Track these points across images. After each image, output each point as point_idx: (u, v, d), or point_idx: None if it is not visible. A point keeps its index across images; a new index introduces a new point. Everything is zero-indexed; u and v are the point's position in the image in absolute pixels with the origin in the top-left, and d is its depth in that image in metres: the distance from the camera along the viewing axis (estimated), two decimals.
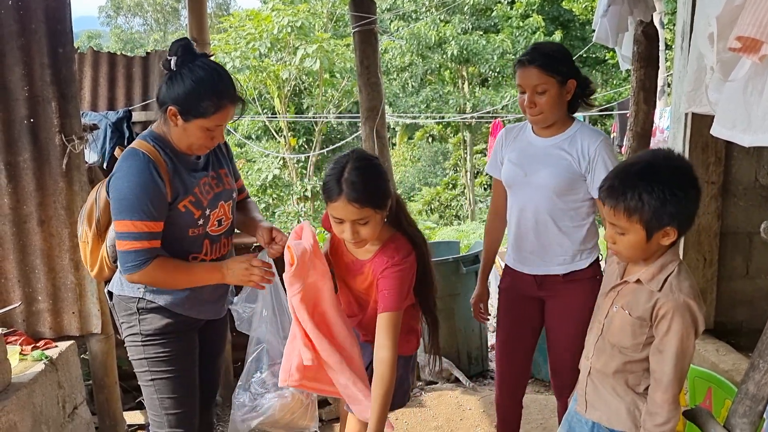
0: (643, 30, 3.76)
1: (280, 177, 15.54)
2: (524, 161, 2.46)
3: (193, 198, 2.09)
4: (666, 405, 1.69)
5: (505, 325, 2.68)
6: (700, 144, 3.68)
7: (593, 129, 2.49)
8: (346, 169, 1.91)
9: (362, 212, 1.90)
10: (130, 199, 1.97)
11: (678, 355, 1.67)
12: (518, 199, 2.50)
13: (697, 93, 2.03)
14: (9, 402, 2.30)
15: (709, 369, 2.77)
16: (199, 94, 1.97)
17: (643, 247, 1.69)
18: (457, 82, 18.99)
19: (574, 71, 2.37)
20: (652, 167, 1.65)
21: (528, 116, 2.41)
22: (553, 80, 2.31)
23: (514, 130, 2.59)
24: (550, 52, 2.35)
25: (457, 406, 3.88)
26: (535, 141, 2.48)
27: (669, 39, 12.82)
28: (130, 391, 3.75)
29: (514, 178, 2.50)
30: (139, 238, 1.98)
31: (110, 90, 4.28)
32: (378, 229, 1.99)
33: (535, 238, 2.47)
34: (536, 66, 2.31)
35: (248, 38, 14.86)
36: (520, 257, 2.55)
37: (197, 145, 2.08)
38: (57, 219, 2.80)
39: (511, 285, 2.63)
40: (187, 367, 2.23)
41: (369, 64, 3.84)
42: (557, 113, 2.38)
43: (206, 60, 2.05)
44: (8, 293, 2.82)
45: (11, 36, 2.67)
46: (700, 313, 1.68)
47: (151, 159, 2.01)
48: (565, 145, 2.39)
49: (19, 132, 2.72)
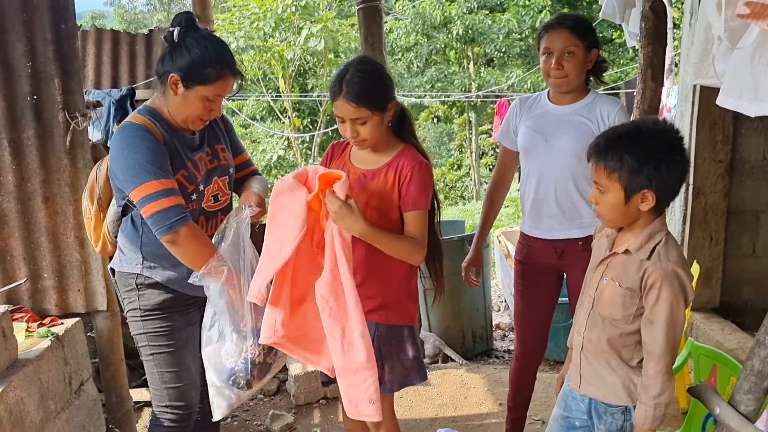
0: (651, 6, 3.72)
1: (284, 157, 15.51)
2: (544, 127, 2.50)
3: (186, 172, 2.09)
4: (659, 376, 1.69)
5: (523, 297, 2.70)
6: (707, 122, 3.66)
7: (610, 97, 2.55)
8: (349, 71, 2.00)
9: (359, 111, 1.98)
10: (139, 163, 1.96)
11: (668, 325, 1.68)
12: (537, 165, 2.53)
13: (703, 65, 2.02)
14: (16, 377, 2.32)
15: (714, 348, 2.76)
16: (203, 60, 2.00)
17: (622, 209, 1.71)
18: (462, 62, 18.84)
19: (597, 42, 2.45)
20: (638, 130, 1.70)
21: (552, 79, 2.44)
22: (582, 44, 2.38)
23: (528, 99, 2.63)
24: (580, 19, 2.44)
25: (461, 384, 3.90)
26: (552, 109, 2.52)
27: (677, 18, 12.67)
28: (136, 369, 3.77)
29: (532, 143, 2.53)
30: (167, 194, 1.95)
31: (113, 68, 4.26)
32: (377, 131, 2.04)
33: (554, 202, 2.50)
34: (567, 28, 2.38)
35: (252, 18, 14.76)
36: (538, 222, 2.58)
37: (194, 117, 2.08)
38: (61, 196, 2.80)
39: (528, 256, 2.65)
40: (187, 343, 2.25)
41: (373, 42, 3.81)
42: (579, 79, 2.44)
43: (210, 32, 2.10)
44: (14, 270, 2.83)
45: (13, 11, 2.64)
46: (688, 282, 1.70)
47: (147, 128, 2.02)
48: (584, 112, 2.44)
49: (22, 109, 2.71)
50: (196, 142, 2.16)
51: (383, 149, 2.12)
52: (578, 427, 1.94)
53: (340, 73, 2.02)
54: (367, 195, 2.09)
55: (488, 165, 19.91)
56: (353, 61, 2.07)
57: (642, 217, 1.74)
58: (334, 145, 2.29)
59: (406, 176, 2.05)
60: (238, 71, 2.10)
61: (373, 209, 2.09)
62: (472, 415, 3.54)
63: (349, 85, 1.97)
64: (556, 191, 2.49)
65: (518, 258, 2.71)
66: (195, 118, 2.09)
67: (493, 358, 4.92)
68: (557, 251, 2.55)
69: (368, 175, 2.11)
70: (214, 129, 2.25)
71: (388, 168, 2.09)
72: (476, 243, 2.80)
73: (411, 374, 2.19)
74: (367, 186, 2.10)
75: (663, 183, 1.68)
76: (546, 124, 2.50)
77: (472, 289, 4.63)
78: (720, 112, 3.64)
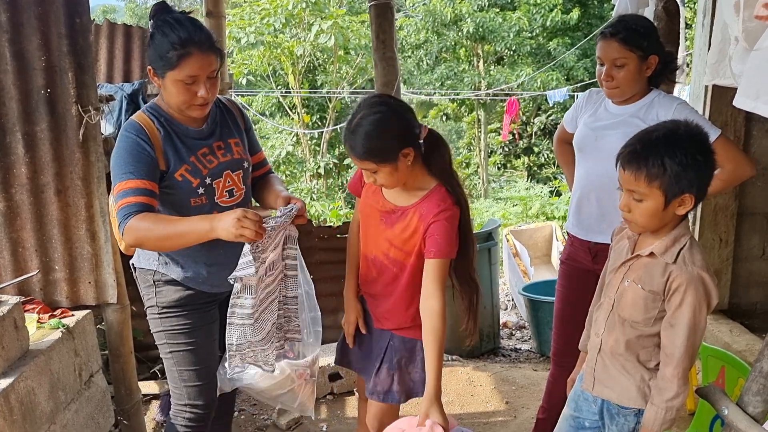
0: (664, 5, 3.70)
1: (293, 153, 15.51)
2: (598, 125, 2.48)
3: (189, 167, 2.08)
4: (676, 380, 1.69)
5: (562, 298, 2.70)
6: (719, 122, 3.65)
7: (670, 96, 2.46)
8: (355, 119, 1.97)
9: (365, 164, 1.98)
10: (118, 163, 2.00)
11: (690, 329, 1.66)
12: (586, 163, 2.53)
13: (720, 65, 2.01)
14: (27, 368, 2.34)
15: (723, 349, 2.76)
16: (164, 45, 1.95)
17: (660, 214, 1.68)
18: (472, 60, 18.80)
19: (657, 47, 2.35)
20: (674, 133, 1.65)
21: (604, 89, 2.41)
22: (634, 55, 2.30)
23: (596, 95, 2.59)
24: (634, 26, 2.32)
25: (468, 382, 3.90)
26: (612, 108, 2.48)
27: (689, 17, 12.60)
28: (145, 362, 3.80)
29: (585, 142, 2.52)
30: (124, 195, 1.96)
31: (126, 62, 4.27)
32: (394, 177, 1.99)
33: (596, 203, 2.48)
34: (618, 39, 2.29)
35: (263, 13, 14.76)
36: (579, 221, 2.58)
37: (183, 103, 2.03)
38: (74, 189, 2.81)
39: (569, 257, 2.66)
40: (205, 340, 2.24)
41: (385, 38, 3.81)
42: (634, 88, 2.38)
43: (177, 15, 2.01)
44: (26, 262, 2.85)
45: (29, 5, 2.66)
46: (713, 286, 1.68)
47: (142, 127, 2.03)
48: (641, 113, 2.38)
49: (36, 102, 2.73)
50: (204, 134, 2.14)
51: (414, 186, 2.08)
52: (588, 428, 1.95)
53: (350, 119, 1.99)
54: (392, 233, 2.10)
55: (496, 163, 19.89)
56: (363, 104, 2.01)
57: (672, 220, 1.72)
58: None
59: (429, 224, 2.01)
60: (206, 45, 1.98)
61: (396, 248, 2.11)
62: (479, 413, 3.55)
63: (353, 139, 1.95)
64: (599, 192, 2.46)
65: (561, 258, 2.73)
66: (186, 105, 2.03)
67: (500, 356, 4.93)
68: (592, 253, 2.54)
69: (397, 212, 2.10)
70: (228, 122, 2.23)
71: (414, 210, 2.06)
72: None
73: (417, 386, 2.20)
74: (393, 224, 2.10)
75: (702, 185, 1.66)
76: (601, 122, 2.47)
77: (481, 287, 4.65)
78: (732, 113, 3.63)
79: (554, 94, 13.30)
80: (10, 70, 2.68)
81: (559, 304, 2.71)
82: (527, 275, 6.15)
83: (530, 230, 7.12)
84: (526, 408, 3.57)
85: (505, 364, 4.54)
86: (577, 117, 2.64)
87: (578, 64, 17.05)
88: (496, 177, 19.30)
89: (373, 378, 2.23)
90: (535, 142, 19.32)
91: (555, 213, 9.34)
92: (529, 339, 5.52)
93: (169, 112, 2.10)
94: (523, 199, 10.49)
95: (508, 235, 6.56)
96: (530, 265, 6.39)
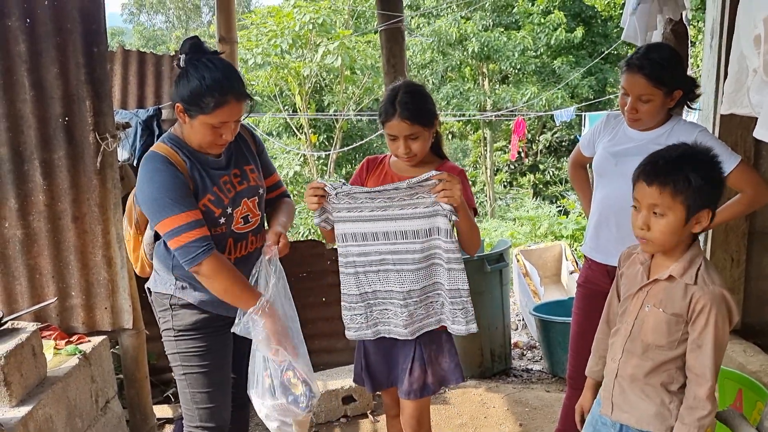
0: (672, 28, 3.73)
1: (300, 174, 15.57)
2: (618, 150, 2.48)
3: (212, 197, 2.11)
4: (707, 399, 1.70)
5: (578, 322, 2.69)
6: (728, 143, 3.61)
7: (691, 123, 2.49)
8: (399, 93, 2.16)
9: (413, 128, 2.14)
10: (162, 198, 2.01)
11: (716, 348, 1.69)
12: (605, 187, 2.53)
13: (738, 95, 2.02)
14: (45, 395, 2.35)
15: (737, 370, 2.75)
16: (200, 90, 1.98)
17: (679, 231, 1.70)
18: (477, 79, 18.91)
19: (681, 80, 2.35)
20: (693, 150, 1.71)
21: (625, 118, 2.42)
22: (660, 92, 2.30)
23: (615, 118, 2.59)
24: (661, 60, 2.30)
25: (481, 404, 3.89)
26: (632, 134, 2.48)
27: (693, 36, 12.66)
28: (158, 385, 3.81)
29: (604, 166, 2.53)
30: (191, 227, 2.00)
31: (140, 88, 4.32)
32: (427, 146, 2.22)
33: (615, 227, 2.49)
34: (644, 75, 2.28)
35: (270, 35, 14.89)
36: (597, 245, 2.58)
37: (206, 143, 2.08)
38: (90, 216, 2.84)
39: (587, 280, 2.66)
40: (219, 363, 2.26)
41: (395, 63, 3.86)
42: (656, 119, 2.39)
43: (213, 57, 2.06)
44: (43, 288, 2.87)
45: (47, 35, 2.71)
46: (734, 304, 1.72)
47: (168, 159, 2.05)
48: (662, 140, 2.36)
49: (54, 130, 2.77)
50: (222, 164, 2.18)
51: (424, 163, 2.25)
52: None
53: (390, 96, 2.18)
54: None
55: (502, 181, 19.91)
56: (400, 84, 2.23)
57: (682, 242, 1.74)
58: (369, 160, 2.38)
59: None
60: (243, 95, 2.06)
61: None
62: None
63: (403, 106, 2.13)
64: (618, 216, 2.45)
65: (578, 281, 2.72)
66: (208, 144, 2.09)
67: (512, 377, 4.90)
68: (610, 276, 2.53)
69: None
70: (242, 149, 2.27)
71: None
72: None
73: (448, 375, 2.32)
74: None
75: (719, 202, 1.71)
76: (621, 147, 2.48)
77: (491, 307, 4.64)
78: (741, 134, 3.63)
79: (561, 114, 13.31)
80: (28, 99, 2.73)
81: (576, 326, 2.70)
82: (537, 295, 6.13)
83: (539, 250, 7.10)
84: (540, 430, 3.55)
85: (517, 385, 4.52)
86: (594, 141, 2.65)
87: (583, 82, 17.13)
88: (502, 195, 19.31)
89: (407, 379, 2.28)
90: (540, 159, 19.35)
91: (563, 232, 9.32)
92: (540, 359, 5.49)
93: (188, 144, 2.13)
94: (532, 219, 10.49)
95: (518, 255, 6.55)
96: (540, 284, 6.38)
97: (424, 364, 2.27)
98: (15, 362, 2.28)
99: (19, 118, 2.74)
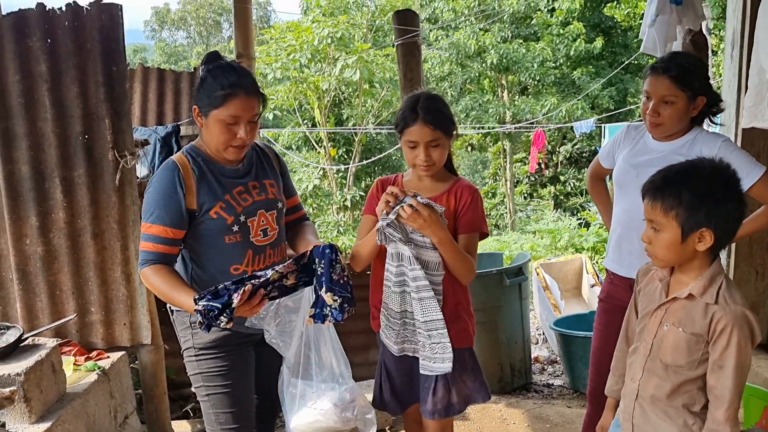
0: (692, 39, 3.70)
1: (320, 187, 15.64)
2: (639, 162, 2.44)
3: (224, 204, 2.13)
4: (729, 421, 1.65)
5: (599, 336, 2.65)
6: (751, 153, 3.57)
7: (713, 133, 2.43)
8: (421, 99, 2.16)
9: (435, 134, 2.12)
10: (148, 202, 2.11)
11: (738, 369, 1.64)
12: (626, 199, 2.49)
13: (758, 108, 1.99)
14: (65, 411, 2.37)
15: (762, 385, 2.69)
16: (213, 86, 2.06)
17: (678, 248, 1.68)
18: (496, 91, 18.89)
19: (706, 88, 2.33)
20: (695, 167, 1.68)
21: (647, 123, 2.39)
22: (683, 94, 2.27)
23: (636, 129, 2.56)
24: (686, 64, 2.29)
25: (501, 420, 3.84)
26: (653, 145, 2.45)
27: (714, 44, 12.55)
28: (177, 401, 3.81)
29: (625, 177, 2.49)
30: (147, 239, 2.09)
31: (159, 105, 4.37)
32: (445, 157, 2.20)
33: (637, 240, 2.43)
34: (669, 76, 2.27)
35: (289, 50, 15.04)
36: (619, 258, 2.54)
37: (222, 144, 2.10)
38: (110, 233, 2.87)
39: (608, 295, 2.62)
40: (242, 382, 2.25)
41: (412, 77, 3.87)
42: (677, 126, 2.36)
43: (229, 62, 2.16)
44: (63, 304, 2.90)
45: (67, 55, 2.75)
46: (756, 323, 1.66)
47: (178, 167, 2.11)
48: (684, 150, 2.34)
49: (74, 148, 2.81)
50: (240, 173, 2.20)
51: (438, 179, 2.24)
52: None
53: (411, 103, 2.16)
54: None
55: (523, 193, 19.81)
56: (420, 92, 2.22)
57: (697, 258, 1.71)
58: (381, 181, 2.34)
59: (466, 201, 2.19)
60: (253, 90, 2.11)
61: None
62: None
63: (425, 110, 2.12)
64: (640, 229, 2.42)
65: (600, 296, 2.68)
66: (224, 146, 2.11)
67: (533, 392, 4.85)
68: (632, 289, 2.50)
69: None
70: (263, 164, 2.29)
71: (448, 194, 2.21)
72: None
73: (473, 393, 2.30)
74: None
75: (723, 222, 1.64)
76: (642, 158, 2.45)
77: (510, 322, 4.60)
78: (764, 144, 3.58)
79: (581, 125, 13.21)
80: (49, 117, 2.77)
81: (597, 342, 2.66)
82: (558, 309, 6.06)
83: (560, 263, 7.03)
84: None
85: (537, 400, 4.46)
86: (614, 153, 2.61)
87: (603, 93, 17.02)
88: (523, 206, 19.20)
89: (430, 399, 2.25)
90: (561, 171, 19.23)
91: (584, 245, 9.21)
92: (561, 374, 5.42)
93: (206, 152, 2.16)
94: (552, 231, 10.38)
95: (538, 269, 6.49)
96: (560, 298, 6.30)
97: (447, 383, 2.23)
98: (35, 378, 2.29)
99: (39, 136, 2.78)
